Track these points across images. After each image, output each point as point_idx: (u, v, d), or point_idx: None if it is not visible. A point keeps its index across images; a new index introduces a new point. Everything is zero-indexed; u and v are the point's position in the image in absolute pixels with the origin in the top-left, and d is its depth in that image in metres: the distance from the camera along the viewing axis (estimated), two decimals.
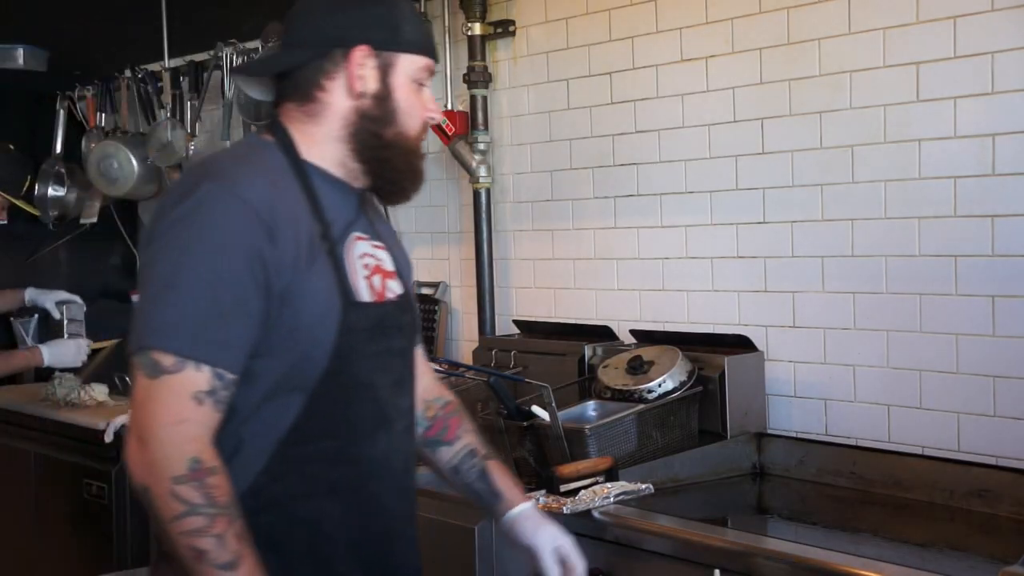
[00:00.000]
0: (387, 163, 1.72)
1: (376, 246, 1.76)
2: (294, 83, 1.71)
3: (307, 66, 1.70)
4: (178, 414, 1.50)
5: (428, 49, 1.76)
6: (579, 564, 1.86)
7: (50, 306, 3.97)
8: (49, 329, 4.00)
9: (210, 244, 1.54)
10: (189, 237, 1.55)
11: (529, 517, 1.89)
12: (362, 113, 1.70)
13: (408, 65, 1.72)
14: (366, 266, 1.71)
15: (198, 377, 1.51)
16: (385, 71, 1.70)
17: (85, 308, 4.01)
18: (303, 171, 1.68)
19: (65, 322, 3.91)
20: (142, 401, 1.52)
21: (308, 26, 1.72)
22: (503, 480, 1.92)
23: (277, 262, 1.57)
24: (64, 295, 4.01)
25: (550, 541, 1.86)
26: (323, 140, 1.70)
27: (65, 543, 3.77)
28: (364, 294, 1.68)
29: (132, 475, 1.52)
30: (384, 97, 1.70)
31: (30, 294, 4.03)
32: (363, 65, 1.69)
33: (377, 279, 1.72)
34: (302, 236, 1.60)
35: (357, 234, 1.72)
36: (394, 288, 1.75)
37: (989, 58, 2.41)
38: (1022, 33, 2.37)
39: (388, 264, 1.76)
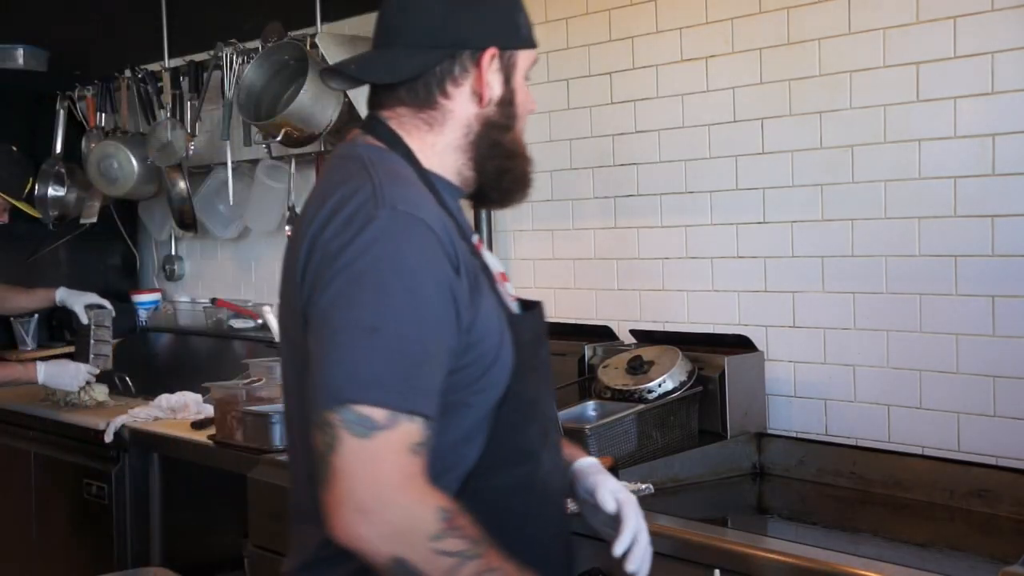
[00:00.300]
0: (508, 173, 1.59)
1: (483, 246, 1.62)
2: (411, 88, 1.53)
3: (431, 70, 1.53)
4: (406, 471, 1.34)
5: (534, 39, 1.62)
6: (635, 519, 1.66)
7: (79, 309, 3.93)
8: (77, 331, 3.99)
9: (407, 280, 1.37)
10: (381, 273, 1.36)
11: (593, 471, 1.71)
12: (485, 121, 1.56)
13: (525, 62, 1.60)
14: (497, 274, 1.58)
15: (412, 429, 1.35)
16: (508, 73, 1.57)
17: (114, 314, 3.98)
18: (431, 184, 1.52)
19: (92, 327, 3.89)
20: (354, 466, 1.32)
21: (427, 23, 1.53)
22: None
23: (463, 294, 1.42)
24: (95, 299, 3.96)
25: (611, 488, 1.68)
26: (443, 150, 1.55)
27: (65, 543, 3.77)
28: (511, 303, 1.56)
29: (368, 552, 1.34)
30: (508, 102, 1.57)
31: (61, 294, 4.00)
32: (490, 69, 1.54)
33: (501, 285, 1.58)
34: (467, 256, 1.46)
35: (474, 240, 1.57)
36: (511, 292, 1.62)
37: (989, 58, 2.41)
38: (1022, 33, 2.37)
39: (499, 266, 1.63)
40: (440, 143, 1.55)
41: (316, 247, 1.42)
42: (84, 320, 3.90)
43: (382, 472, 1.32)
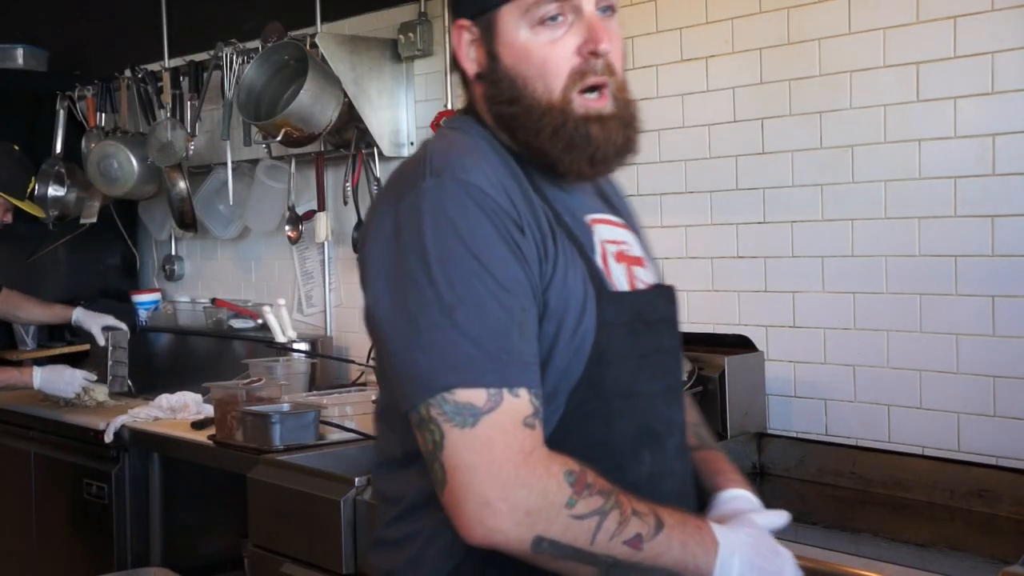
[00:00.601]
0: (531, 147, 1.42)
1: (618, 225, 1.49)
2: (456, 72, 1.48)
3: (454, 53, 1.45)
4: (523, 448, 1.24)
5: None
6: None
7: (96, 331, 3.94)
8: (93, 352, 4.00)
9: (470, 246, 1.27)
10: (442, 245, 1.27)
11: (717, 506, 1.50)
12: (489, 99, 1.42)
13: (512, 17, 1.38)
14: (612, 252, 1.44)
15: (518, 404, 1.25)
16: (488, 39, 1.40)
17: (129, 336, 3.99)
18: (512, 152, 1.42)
19: (110, 349, 3.91)
20: (468, 460, 1.23)
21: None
22: (711, 471, 1.57)
23: (530, 254, 1.31)
24: (111, 321, 3.98)
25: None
26: (499, 129, 1.44)
27: (65, 543, 3.77)
28: (618, 282, 1.42)
29: (507, 543, 1.24)
30: (491, 72, 1.41)
31: (78, 315, 4.02)
32: (469, 43, 1.41)
33: (623, 267, 1.45)
34: (539, 221, 1.35)
35: (594, 216, 1.46)
36: (643, 277, 1.48)
37: (989, 58, 2.41)
38: (1022, 33, 2.37)
39: (635, 249, 1.49)
40: (490, 120, 1.44)
41: (369, 229, 1.36)
42: (101, 342, 3.92)
43: (499, 458, 1.23)
